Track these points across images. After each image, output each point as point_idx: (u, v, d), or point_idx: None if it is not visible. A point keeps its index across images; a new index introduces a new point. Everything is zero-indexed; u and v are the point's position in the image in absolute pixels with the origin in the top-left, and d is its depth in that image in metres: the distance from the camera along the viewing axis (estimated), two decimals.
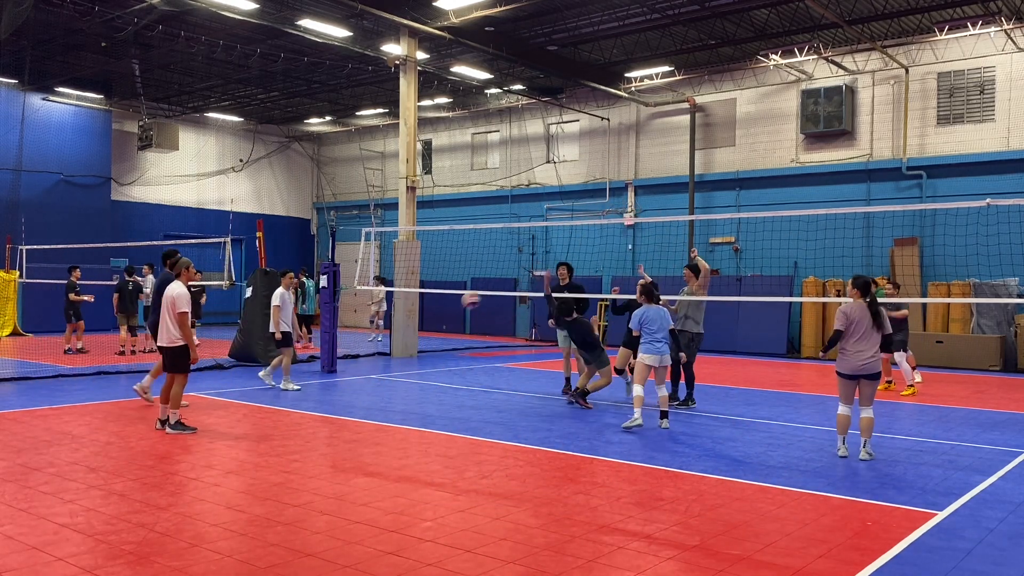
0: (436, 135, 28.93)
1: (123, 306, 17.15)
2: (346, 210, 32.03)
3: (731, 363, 17.68)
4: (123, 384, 12.62)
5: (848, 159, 20.51)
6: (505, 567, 4.75)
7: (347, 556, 4.90)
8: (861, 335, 7.90)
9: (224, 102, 27.28)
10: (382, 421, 9.70)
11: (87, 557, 4.80)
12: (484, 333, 25.90)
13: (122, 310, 17.14)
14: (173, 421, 8.73)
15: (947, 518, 5.90)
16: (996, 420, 10.49)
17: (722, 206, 22.25)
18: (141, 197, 27.98)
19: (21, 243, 22.13)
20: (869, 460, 7.86)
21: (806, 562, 4.91)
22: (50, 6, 17.91)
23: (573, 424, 9.66)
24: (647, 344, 9.40)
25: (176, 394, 8.77)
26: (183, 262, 9.13)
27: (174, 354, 8.80)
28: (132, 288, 17.37)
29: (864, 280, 8.11)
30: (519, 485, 6.67)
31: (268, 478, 6.77)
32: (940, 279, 18.58)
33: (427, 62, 20.65)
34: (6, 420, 9.29)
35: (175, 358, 8.80)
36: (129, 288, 17.31)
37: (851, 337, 7.94)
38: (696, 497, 6.37)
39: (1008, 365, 17.16)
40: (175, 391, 8.76)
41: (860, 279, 8.14)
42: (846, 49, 19.98)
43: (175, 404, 8.76)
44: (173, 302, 8.73)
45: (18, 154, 24.35)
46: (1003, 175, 18.32)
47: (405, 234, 19.39)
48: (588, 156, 25.28)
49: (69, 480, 6.58)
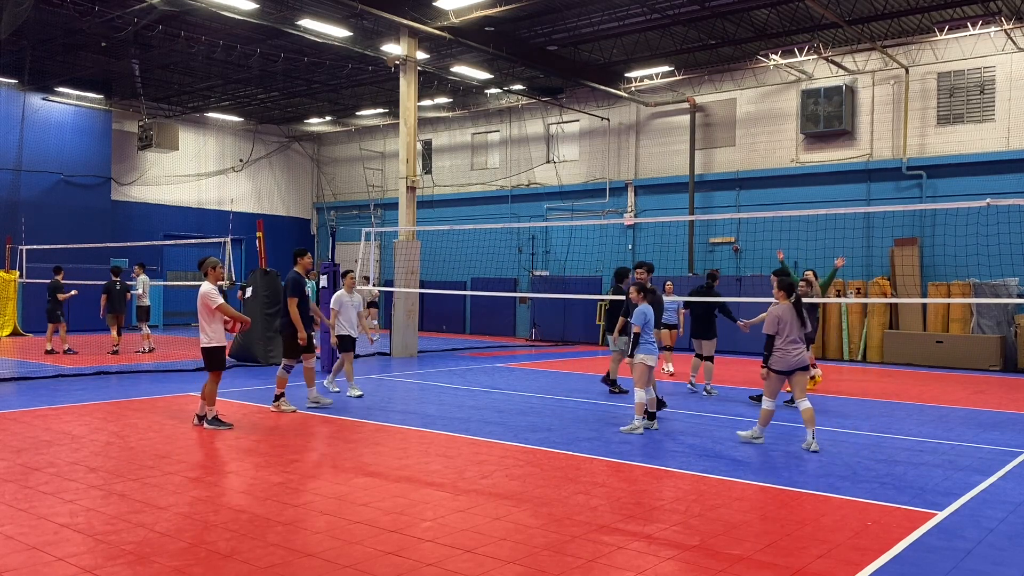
0: (436, 135, 28.94)
1: (111, 307, 17.27)
2: (346, 210, 32.03)
3: (731, 363, 17.68)
4: (123, 384, 12.62)
5: (848, 159, 20.52)
6: (505, 567, 4.75)
7: (347, 556, 4.90)
8: (792, 333, 8.23)
9: (224, 102, 27.28)
10: (382, 421, 9.69)
11: (87, 557, 4.80)
12: (484, 333, 25.90)
13: (110, 310, 17.25)
14: (211, 417, 9.07)
15: (947, 518, 5.90)
16: (996, 420, 10.49)
17: (722, 206, 22.26)
18: (141, 197, 27.99)
19: (21, 243, 22.13)
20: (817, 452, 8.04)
21: (806, 562, 4.91)
22: (50, 6, 17.91)
23: (573, 424, 9.65)
24: (648, 344, 9.15)
25: (211, 392, 9.09)
26: (210, 262, 9.32)
27: (209, 354, 9.11)
28: (119, 288, 17.44)
29: (789, 282, 8.46)
30: (519, 485, 6.67)
31: (268, 478, 6.77)
32: (940, 279, 18.58)
33: (427, 62, 20.65)
34: (6, 420, 9.29)
35: (210, 358, 9.12)
36: (116, 288, 17.39)
37: (786, 337, 8.22)
38: (696, 497, 6.37)
39: (1008, 365, 17.15)
40: (210, 389, 9.08)
41: (785, 281, 8.47)
42: (846, 49, 19.98)
43: (211, 401, 9.09)
44: (204, 300, 9.00)
45: (18, 154, 24.35)
46: (1003, 175, 18.32)
47: (405, 234, 19.39)
48: (588, 156, 25.28)
49: (69, 480, 6.58)
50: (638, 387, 9.08)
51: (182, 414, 9.86)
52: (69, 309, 20.94)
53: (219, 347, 9.11)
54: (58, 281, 17.35)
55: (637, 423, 9.05)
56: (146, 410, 10.14)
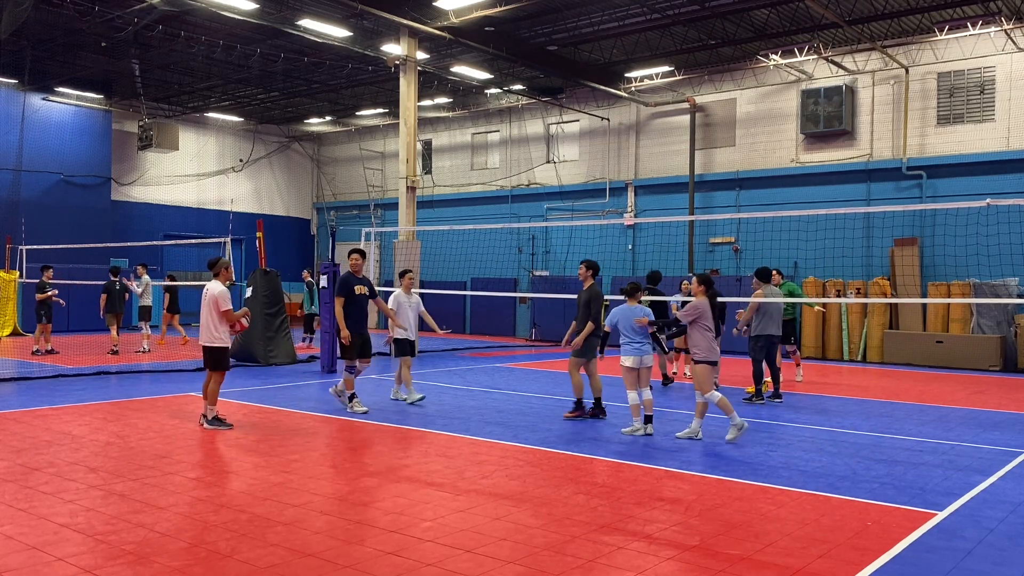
0: (436, 135, 28.94)
1: (111, 306, 17.29)
2: (346, 210, 32.03)
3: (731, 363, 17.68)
4: (123, 384, 12.62)
5: (848, 159, 20.51)
6: (505, 567, 4.75)
7: (347, 556, 4.90)
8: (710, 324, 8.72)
9: (224, 102, 27.29)
10: (382, 421, 9.69)
11: (87, 557, 4.80)
12: (484, 333, 25.90)
13: (109, 310, 17.28)
14: (211, 416, 9.05)
15: (947, 518, 5.89)
16: (996, 420, 10.49)
17: (722, 206, 22.25)
18: (141, 197, 27.99)
19: (21, 243, 22.13)
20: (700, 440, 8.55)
21: (806, 562, 4.91)
22: (50, 6, 17.91)
23: (573, 424, 9.65)
24: (624, 345, 9.09)
25: (213, 391, 9.09)
26: (222, 262, 9.38)
27: (213, 353, 9.11)
28: (119, 288, 17.45)
29: (708, 277, 9.02)
30: (519, 485, 6.67)
31: (268, 478, 6.77)
32: (940, 279, 18.58)
33: (427, 62, 20.65)
34: (6, 420, 9.29)
35: (214, 357, 9.11)
36: (116, 288, 17.39)
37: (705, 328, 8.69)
38: (696, 497, 6.37)
39: (1008, 365, 17.15)
40: (212, 388, 9.09)
41: (705, 276, 9.05)
42: (846, 49, 19.98)
43: (212, 400, 9.08)
44: (215, 301, 9.05)
45: (18, 154, 24.35)
46: (1003, 175, 18.32)
47: (405, 234, 19.39)
48: (588, 156, 25.28)
49: (69, 480, 6.58)
50: (627, 389, 9.13)
51: (182, 414, 9.86)
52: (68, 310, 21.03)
53: (224, 347, 9.15)
54: (43, 281, 17.32)
55: (637, 425, 9.04)
56: (146, 410, 10.14)
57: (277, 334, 15.87)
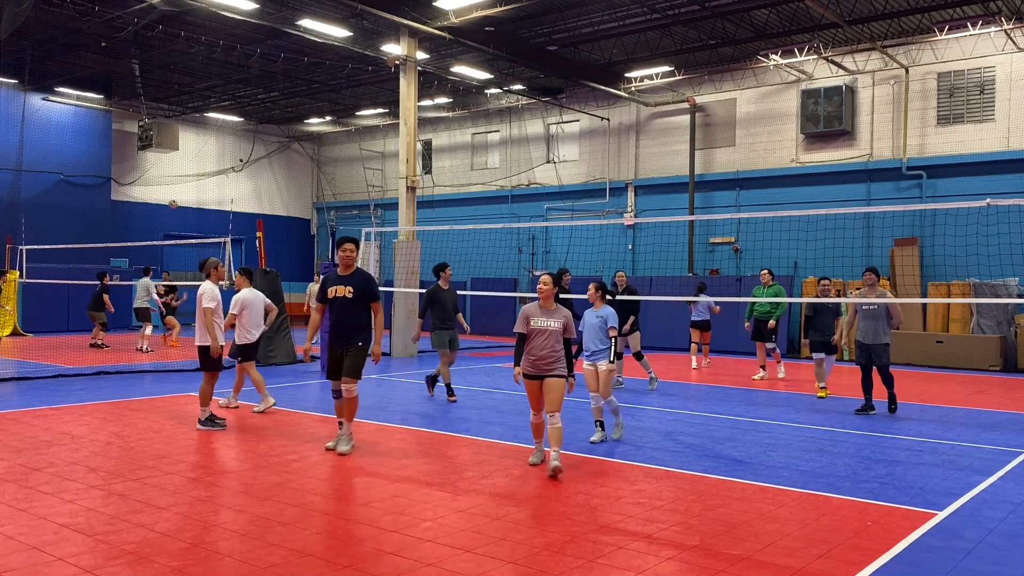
0: (436, 135, 28.94)
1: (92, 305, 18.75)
2: (346, 210, 32.03)
3: (732, 363, 17.67)
4: (123, 384, 12.62)
5: (848, 159, 20.52)
6: (505, 567, 4.75)
7: (347, 556, 4.90)
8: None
9: (224, 102, 27.29)
10: (382, 421, 9.69)
11: (87, 557, 4.80)
12: (484, 333, 25.89)
13: (93, 308, 18.73)
14: (204, 417, 9.01)
15: (947, 518, 5.89)
16: (996, 420, 10.49)
17: (722, 206, 22.26)
18: (141, 197, 27.99)
19: (21, 243, 22.13)
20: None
21: (806, 562, 4.91)
22: (50, 6, 17.91)
23: (573, 425, 9.65)
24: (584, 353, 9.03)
25: (205, 392, 9.06)
26: (211, 262, 9.36)
27: (205, 353, 9.08)
28: (97, 290, 18.76)
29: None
30: (519, 485, 6.67)
31: (268, 478, 6.77)
32: (940, 279, 18.59)
33: (427, 62, 20.65)
34: (6, 420, 9.29)
35: (206, 357, 9.09)
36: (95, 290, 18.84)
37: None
38: (696, 497, 6.37)
39: (1008, 365, 17.15)
40: (204, 389, 9.07)
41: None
42: (846, 49, 19.97)
43: (204, 401, 9.05)
44: (199, 300, 9.06)
45: (18, 154, 24.36)
46: (1003, 175, 18.33)
47: (405, 234, 19.39)
48: (588, 156, 25.28)
49: (69, 480, 6.58)
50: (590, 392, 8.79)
51: (182, 414, 9.86)
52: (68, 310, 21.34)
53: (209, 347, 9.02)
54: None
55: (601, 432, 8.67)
56: (146, 410, 10.14)
57: (277, 334, 15.87)
